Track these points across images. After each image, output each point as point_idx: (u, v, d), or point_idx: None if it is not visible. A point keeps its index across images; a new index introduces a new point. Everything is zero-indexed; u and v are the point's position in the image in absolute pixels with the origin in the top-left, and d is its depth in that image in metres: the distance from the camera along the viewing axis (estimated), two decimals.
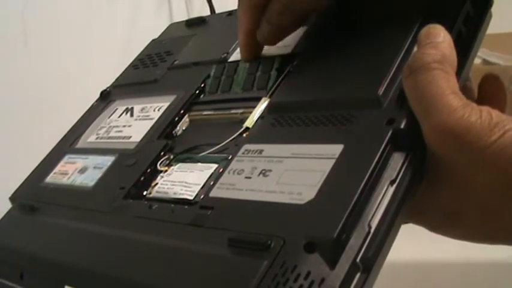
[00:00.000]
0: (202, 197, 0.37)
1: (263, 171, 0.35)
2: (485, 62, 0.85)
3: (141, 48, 0.59)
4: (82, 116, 0.55)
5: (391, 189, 0.32)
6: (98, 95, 0.56)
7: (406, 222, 0.37)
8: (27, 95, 0.71)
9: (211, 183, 0.37)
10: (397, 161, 0.33)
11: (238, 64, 0.46)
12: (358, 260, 0.30)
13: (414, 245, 0.34)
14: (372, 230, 0.31)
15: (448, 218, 0.36)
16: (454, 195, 0.35)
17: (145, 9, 0.83)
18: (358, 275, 0.29)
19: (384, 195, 0.32)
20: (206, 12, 0.77)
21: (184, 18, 0.65)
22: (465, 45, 0.39)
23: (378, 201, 0.31)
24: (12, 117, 0.70)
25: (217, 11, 0.77)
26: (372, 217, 0.31)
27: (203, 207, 0.36)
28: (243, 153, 0.38)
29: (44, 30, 0.75)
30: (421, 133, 0.33)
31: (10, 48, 0.71)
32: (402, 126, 0.33)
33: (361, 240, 0.30)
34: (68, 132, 0.54)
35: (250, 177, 0.35)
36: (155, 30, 0.61)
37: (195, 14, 0.85)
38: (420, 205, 0.35)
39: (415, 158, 0.33)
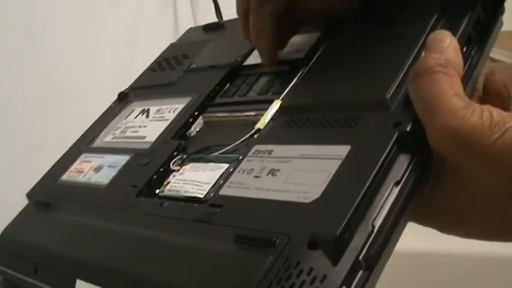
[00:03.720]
0: (212, 195, 0.38)
1: (272, 171, 0.36)
2: (490, 59, 0.84)
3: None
4: (100, 117, 0.56)
5: (396, 190, 0.32)
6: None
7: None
8: (27, 94, 0.72)
9: (222, 182, 0.38)
10: (402, 162, 0.33)
11: (261, 75, 0.47)
12: (360, 257, 0.30)
13: (413, 235, 0.34)
14: (376, 230, 0.31)
15: (453, 218, 0.37)
16: (459, 195, 0.35)
17: (150, 10, 0.84)
18: (360, 272, 0.30)
19: (389, 196, 0.32)
20: (211, 13, 0.78)
21: (189, 19, 0.65)
22: (476, 49, 0.39)
23: (382, 202, 0.32)
24: (19, 116, 0.71)
25: (223, 12, 0.78)
26: (376, 217, 0.31)
27: (212, 205, 0.36)
28: (253, 153, 0.38)
29: (48, 32, 0.76)
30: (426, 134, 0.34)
31: (13, 49, 0.72)
32: (408, 128, 0.33)
33: (364, 238, 0.30)
34: (85, 132, 0.55)
35: (259, 177, 0.36)
36: (159, 31, 0.61)
37: (200, 16, 0.85)
38: (426, 206, 0.35)
39: (420, 160, 0.34)
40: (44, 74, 0.74)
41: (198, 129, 0.47)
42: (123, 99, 0.56)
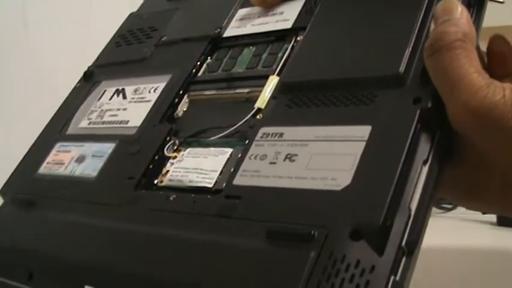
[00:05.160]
0: (224, 185, 0.36)
1: (288, 156, 0.35)
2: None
3: None
4: (66, 100, 0.52)
5: (425, 170, 0.32)
6: None
7: None
8: (24, 82, 0.69)
9: (232, 169, 0.36)
10: (427, 140, 0.33)
11: (244, 47, 0.45)
12: (403, 244, 0.30)
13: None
14: (412, 213, 0.31)
15: (470, 194, 0.37)
16: (477, 173, 0.35)
17: None
18: (404, 259, 0.29)
19: (419, 176, 0.32)
20: None
21: None
22: (475, 13, 0.39)
23: (415, 183, 0.31)
24: (10, 107, 0.68)
25: None
26: (411, 199, 0.31)
27: (229, 197, 0.35)
28: (261, 136, 0.37)
29: (44, 23, 0.74)
30: (446, 111, 0.33)
31: (10, 41, 0.69)
32: (429, 105, 0.33)
33: (403, 223, 0.30)
34: (53, 117, 0.51)
35: (275, 163, 0.35)
36: None
37: None
38: (444, 182, 0.35)
39: (443, 135, 0.33)
40: (38, 66, 0.72)
41: (184, 110, 0.45)
42: (89, 78, 0.53)
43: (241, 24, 0.47)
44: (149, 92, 0.46)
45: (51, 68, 0.74)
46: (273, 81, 0.40)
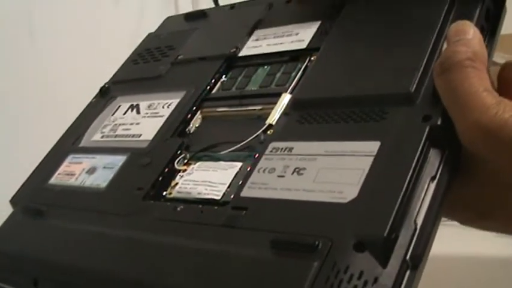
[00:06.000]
0: (232, 196, 0.36)
1: (297, 170, 0.35)
2: (493, 63, 0.85)
3: None
4: (81, 114, 0.53)
5: (432, 186, 0.32)
6: None
7: None
8: (30, 94, 0.71)
9: (240, 182, 0.36)
10: (435, 157, 0.33)
11: (259, 67, 0.45)
12: (408, 257, 0.29)
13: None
14: (418, 227, 0.30)
15: (479, 213, 0.36)
16: (487, 191, 0.35)
17: (151, 7, 0.83)
18: (408, 272, 0.29)
19: (426, 192, 0.32)
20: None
21: None
22: (487, 40, 0.39)
23: (421, 198, 0.31)
24: (16, 117, 0.69)
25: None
26: (417, 214, 0.31)
27: (236, 208, 0.35)
28: (271, 151, 0.37)
29: (50, 29, 0.75)
30: (456, 129, 0.33)
31: (16, 47, 0.70)
32: (439, 122, 0.33)
33: (409, 237, 0.30)
34: (67, 130, 0.52)
35: (283, 176, 0.35)
36: None
37: None
38: (454, 201, 0.35)
39: (451, 153, 0.33)
40: (44, 72, 0.73)
41: (196, 125, 0.45)
42: (105, 94, 0.53)
43: (257, 44, 0.48)
44: (163, 107, 0.47)
45: (55, 78, 0.75)
46: (285, 98, 0.41)
